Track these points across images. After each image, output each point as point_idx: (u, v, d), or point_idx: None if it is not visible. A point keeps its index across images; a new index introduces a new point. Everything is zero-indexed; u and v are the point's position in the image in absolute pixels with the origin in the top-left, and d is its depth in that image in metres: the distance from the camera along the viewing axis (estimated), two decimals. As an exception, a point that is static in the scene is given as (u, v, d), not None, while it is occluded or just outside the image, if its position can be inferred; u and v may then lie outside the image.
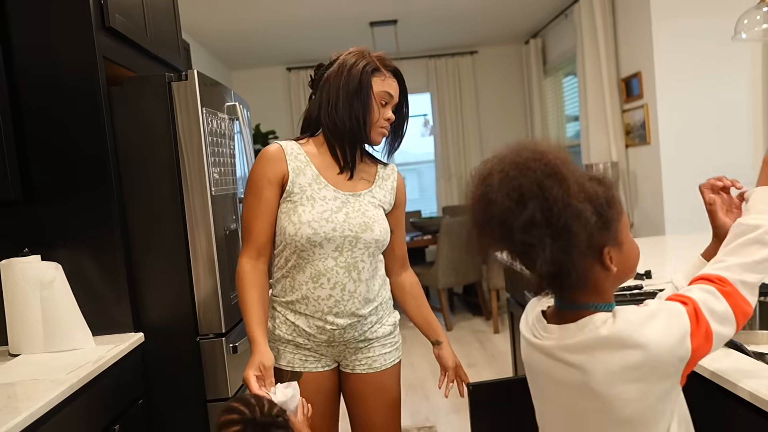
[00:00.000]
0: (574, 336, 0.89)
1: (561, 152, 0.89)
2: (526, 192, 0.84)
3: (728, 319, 0.87)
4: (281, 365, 1.50)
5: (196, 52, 4.94)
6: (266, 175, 1.44)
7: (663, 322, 0.86)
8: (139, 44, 2.03)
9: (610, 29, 4.29)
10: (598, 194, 0.87)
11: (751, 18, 1.81)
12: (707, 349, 0.87)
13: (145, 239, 1.83)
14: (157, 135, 1.82)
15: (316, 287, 1.44)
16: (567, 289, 0.91)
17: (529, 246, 0.84)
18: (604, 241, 0.87)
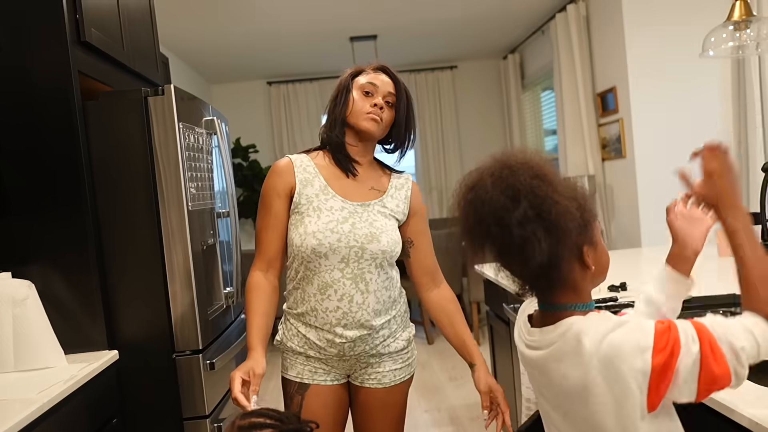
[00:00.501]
0: (552, 342, 0.93)
1: (543, 159, 0.94)
2: (519, 190, 0.88)
3: (695, 363, 0.83)
4: (290, 376, 1.52)
5: (175, 66, 4.92)
6: (275, 189, 1.47)
7: (625, 332, 0.87)
8: (116, 58, 2.02)
9: (585, 45, 4.37)
10: (578, 197, 0.92)
11: (718, 36, 1.86)
12: (670, 370, 0.83)
13: (120, 255, 1.81)
14: (134, 150, 1.81)
15: (324, 299, 1.43)
16: (549, 290, 0.94)
17: (526, 239, 0.87)
18: (584, 240, 0.92)
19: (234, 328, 2.31)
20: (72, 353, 1.74)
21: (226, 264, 2.25)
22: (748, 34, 1.82)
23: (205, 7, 3.91)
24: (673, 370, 0.83)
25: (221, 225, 2.25)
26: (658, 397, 0.85)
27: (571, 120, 4.54)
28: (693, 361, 0.82)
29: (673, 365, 0.82)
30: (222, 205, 2.28)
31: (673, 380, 0.83)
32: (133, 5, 2.25)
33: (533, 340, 0.97)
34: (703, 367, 0.82)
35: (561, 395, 0.95)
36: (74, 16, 1.76)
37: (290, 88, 6.17)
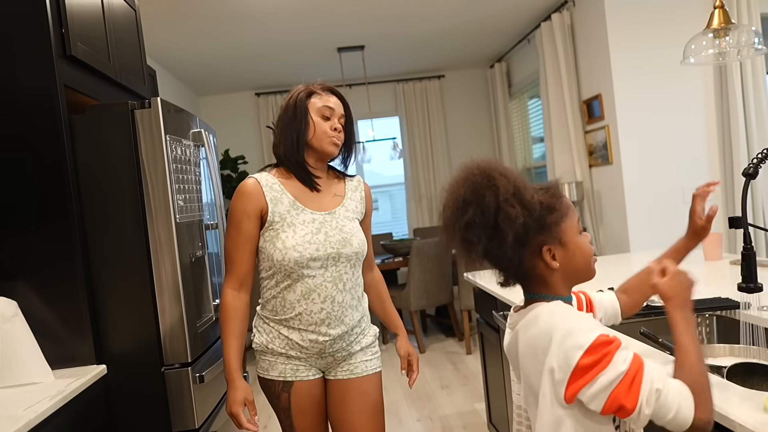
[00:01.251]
0: (521, 319, 1.05)
1: (503, 168, 1.03)
2: (466, 200, 1.00)
3: (605, 386, 0.90)
4: (272, 376, 1.60)
5: (162, 78, 4.92)
6: (245, 210, 1.55)
7: (574, 324, 0.95)
8: (102, 72, 2.02)
9: (571, 54, 4.42)
10: (535, 201, 1.00)
11: (698, 43, 1.89)
12: (589, 375, 0.91)
13: (108, 268, 1.80)
14: (121, 163, 1.81)
15: (308, 303, 1.54)
16: (521, 281, 1.07)
17: (468, 242, 1.00)
18: (543, 239, 1.01)
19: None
20: (59, 368, 1.73)
21: (215, 276, 2.25)
22: (727, 42, 1.85)
23: (192, 19, 3.92)
24: (593, 377, 0.91)
25: (210, 237, 2.25)
26: (572, 393, 0.93)
27: (558, 127, 4.58)
28: (611, 380, 0.90)
29: (594, 374, 0.90)
30: (210, 216, 2.27)
31: (587, 385, 0.91)
32: (119, 19, 2.25)
33: (511, 321, 1.10)
34: (616, 390, 0.90)
35: (518, 369, 1.05)
36: (60, 30, 1.76)
37: (278, 98, 6.18)
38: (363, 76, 6.07)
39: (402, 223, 6.65)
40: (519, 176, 1.03)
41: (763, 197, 3.81)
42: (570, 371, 0.92)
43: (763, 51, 1.91)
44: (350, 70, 5.83)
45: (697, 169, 3.94)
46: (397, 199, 6.72)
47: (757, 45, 1.85)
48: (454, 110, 6.45)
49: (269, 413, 3.69)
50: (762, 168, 1.23)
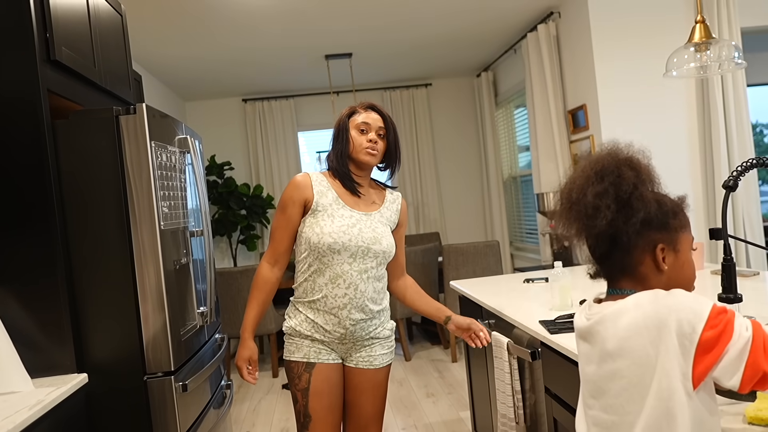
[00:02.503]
0: (610, 308, 0.98)
1: (647, 161, 1.06)
2: (606, 169, 1.01)
3: (744, 351, 0.86)
4: (297, 358, 1.79)
5: (148, 83, 4.89)
6: (292, 198, 1.79)
7: (685, 298, 0.91)
8: (87, 77, 2.00)
9: (556, 64, 4.47)
10: (666, 201, 1.02)
11: (680, 57, 1.93)
12: (718, 348, 0.86)
13: (90, 275, 1.78)
14: (104, 169, 1.79)
15: (334, 287, 1.75)
16: (617, 272, 1.02)
17: (596, 208, 0.98)
18: (661, 238, 0.99)
19: (207, 348, 2.28)
20: (39, 377, 1.70)
21: (199, 283, 2.23)
22: (708, 56, 1.89)
23: (179, 24, 3.91)
24: (722, 349, 0.85)
25: (194, 244, 2.23)
26: (703, 372, 0.86)
27: (544, 136, 4.62)
28: (742, 347, 0.84)
29: (723, 345, 0.85)
30: (195, 223, 2.26)
31: (719, 359, 0.85)
32: (105, 23, 2.24)
33: (592, 312, 1.03)
34: (752, 355, 0.84)
35: (610, 353, 0.96)
36: (44, 35, 1.75)
37: (265, 105, 6.17)
38: (350, 83, 6.09)
39: (388, 231, 6.65)
40: (657, 176, 1.05)
41: (743, 208, 3.88)
42: (694, 348, 0.86)
43: (743, 65, 1.95)
44: (338, 78, 5.84)
45: (679, 179, 3.99)
46: (383, 207, 6.71)
47: (737, 59, 1.89)
48: (440, 118, 6.49)
49: (288, 416, 3.65)
50: (742, 180, 1.25)
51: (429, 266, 4.69)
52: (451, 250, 4.45)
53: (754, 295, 1.86)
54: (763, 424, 0.94)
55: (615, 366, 0.94)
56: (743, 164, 1.29)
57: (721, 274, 1.30)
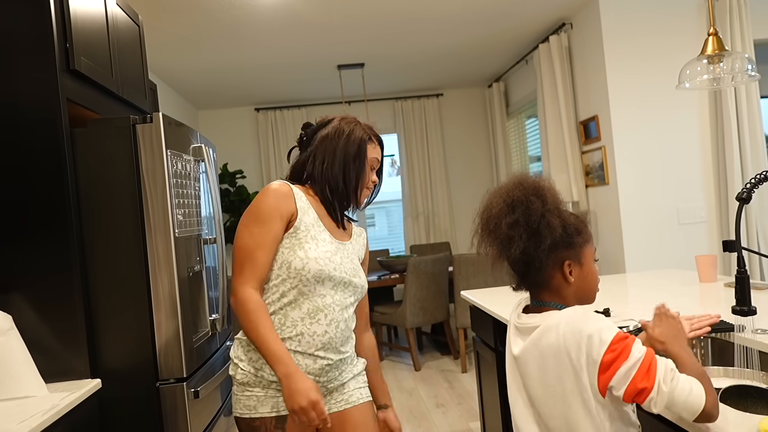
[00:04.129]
0: (537, 324, 1.16)
1: (551, 186, 1.20)
2: (516, 201, 1.15)
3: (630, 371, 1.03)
4: (262, 413, 1.44)
5: (163, 91, 4.95)
6: (279, 210, 1.44)
7: (595, 325, 1.07)
8: (105, 86, 2.04)
9: (568, 75, 4.48)
10: (570, 221, 1.16)
11: (693, 69, 1.93)
12: (613, 367, 1.03)
13: (105, 283, 1.80)
14: (121, 177, 1.82)
15: (313, 323, 1.45)
16: (535, 287, 1.19)
17: (510, 238, 1.14)
18: (567, 255, 1.16)
19: (219, 355, 2.29)
20: (54, 382, 1.72)
21: (212, 290, 2.25)
22: (721, 68, 1.89)
23: (194, 35, 3.96)
24: (617, 369, 1.03)
25: (208, 251, 2.25)
26: (604, 384, 1.05)
27: (555, 147, 4.62)
28: (629, 367, 1.03)
29: (618, 365, 1.03)
30: (209, 231, 2.28)
31: (614, 376, 1.04)
32: (123, 33, 2.28)
33: (521, 322, 1.20)
34: (636, 375, 1.02)
35: (545, 372, 1.13)
36: (64, 45, 1.78)
37: (278, 114, 6.22)
38: (362, 93, 6.12)
39: (399, 240, 6.66)
40: (559, 197, 1.19)
41: (757, 220, 3.84)
42: (597, 367, 1.05)
43: (756, 77, 1.94)
44: (350, 87, 5.88)
45: (692, 191, 3.97)
46: (394, 216, 6.73)
47: (750, 71, 1.89)
48: (452, 128, 6.50)
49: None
50: (756, 192, 1.25)
51: (439, 276, 4.68)
52: (461, 260, 4.44)
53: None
54: (777, 437, 0.94)
55: (542, 377, 1.13)
56: (757, 176, 1.28)
57: (735, 286, 1.29)
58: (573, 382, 1.08)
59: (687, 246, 3.93)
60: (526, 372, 1.17)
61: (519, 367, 1.19)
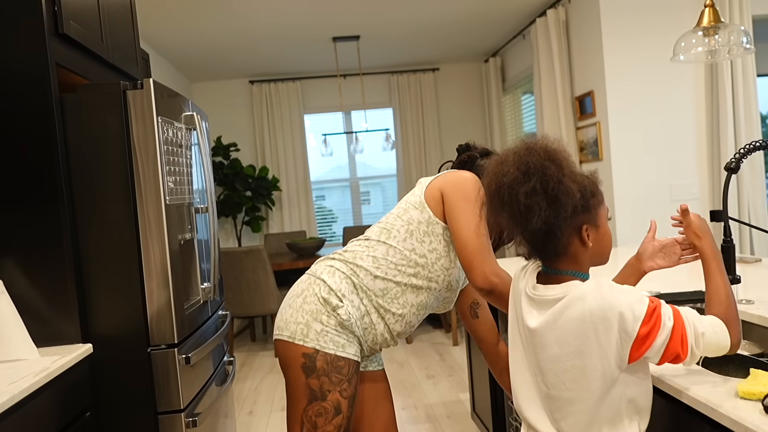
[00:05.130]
0: (559, 297, 1.09)
1: (561, 147, 1.13)
2: (531, 168, 1.07)
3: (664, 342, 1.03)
4: (348, 354, 1.43)
5: (156, 62, 4.89)
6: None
7: (626, 297, 1.03)
8: (95, 52, 2.01)
9: (564, 50, 4.44)
10: (585, 183, 1.10)
11: (688, 41, 1.92)
12: (649, 340, 1.02)
13: (96, 249, 1.80)
14: (111, 143, 1.81)
15: (417, 314, 1.51)
16: (551, 256, 1.12)
17: (529, 208, 1.06)
18: (584, 219, 1.10)
19: (211, 323, 2.31)
20: (45, 346, 1.73)
21: (203, 259, 2.26)
22: (716, 40, 1.88)
23: (188, 4, 3.90)
24: (653, 341, 1.01)
25: (199, 220, 2.25)
26: (636, 357, 1.03)
27: (550, 123, 4.60)
28: (665, 338, 1.01)
29: (653, 337, 1.01)
30: (201, 200, 2.28)
31: (648, 349, 1.02)
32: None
33: (537, 293, 1.13)
34: (671, 344, 1.02)
35: (557, 342, 1.08)
36: (52, 8, 1.75)
37: (272, 87, 6.16)
38: (358, 66, 6.07)
39: (393, 215, 6.65)
40: (571, 159, 1.12)
41: (749, 196, 3.86)
42: (632, 341, 1.01)
43: (752, 50, 1.93)
44: (345, 61, 5.82)
45: (686, 168, 3.98)
46: (388, 191, 6.73)
47: (746, 44, 1.88)
48: (447, 103, 6.47)
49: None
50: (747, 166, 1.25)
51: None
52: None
53: (755, 279, 1.86)
54: (754, 398, 0.96)
55: (559, 351, 1.08)
56: (746, 146, 1.29)
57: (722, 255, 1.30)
58: (595, 358, 1.04)
59: (678, 223, 3.96)
60: (542, 344, 1.11)
61: (534, 340, 1.13)
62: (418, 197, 1.53)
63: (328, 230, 6.56)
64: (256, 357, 4.69)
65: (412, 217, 1.49)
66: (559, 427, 1.11)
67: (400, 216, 1.52)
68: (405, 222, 1.49)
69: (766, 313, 1.44)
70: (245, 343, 5.18)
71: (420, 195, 1.53)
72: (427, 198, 1.50)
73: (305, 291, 1.46)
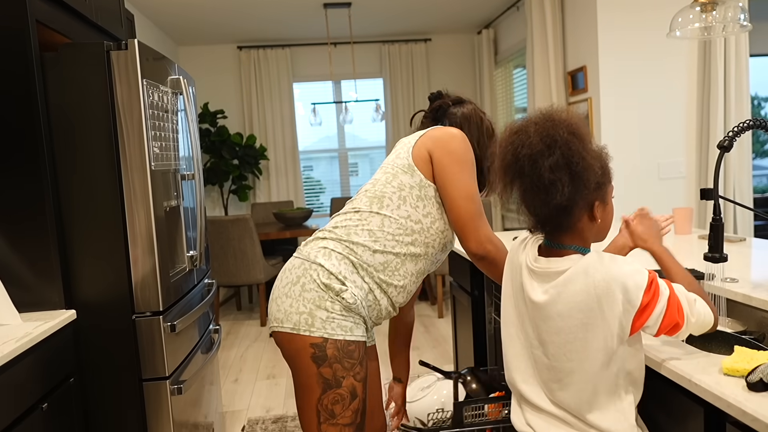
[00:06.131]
0: (562, 269, 1.10)
1: (581, 120, 1.11)
2: (556, 140, 1.05)
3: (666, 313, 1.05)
4: (357, 336, 1.36)
5: (142, 24, 4.76)
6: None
7: (628, 268, 1.05)
8: (77, 10, 1.94)
9: (559, 23, 4.39)
10: (603, 160, 1.10)
11: (685, 17, 1.89)
12: (650, 309, 1.03)
13: (79, 215, 1.77)
14: (94, 106, 1.75)
15: (416, 282, 1.47)
16: (559, 231, 1.12)
17: (552, 182, 1.04)
18: (596, 195, 1.10)
19: (197, 291, 2.29)
20: (27, 312, 1.71)
21: (189, 227, 2.23)
22: (713, 16, 1.85)
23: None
24: (653, 309, 1.03)
25: (186, 187, 2.21)
26: (638, 327, 1.05)
27: (542, 98, 4.57)
28: (662, 307, 1.04)
29: (653, 306, 1.03)
30: (187, 167, 2.24)
31: (649, 318, 1.04)
32: (96, -45, 2.16)
33: (540, 266, 1.13)
34: (668, 314, 1.04)
35: (559, 314, 1.09)
36: (32, -38, 1.68)
37: (261, 53, 6.04)
38: (349, 35, 5.96)
39: (381, 187, 6.63)
40: (589, 133, 1.10)
41: (735, 177, 3.89)
42: (635, 311, 1.03)
43: (748, 27, 1.92)
44: (336, 28, 5.71)
45: (674, 146, 3.99)
46: (376, 163, 6.68)
47: (743, 21, 1.86)
48: (438, 75, 6.39)
49: (275, 363, 3.71)
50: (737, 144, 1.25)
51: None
52: (442, 208, 4.45)
53: (740, 258, 1.88)
54: (738, 375, 0.97)
55: (562, 324, 1.08)
56: (740, 125, 1.28)
57: (709, 233, 1.31)
58: (599, 330, 1.05)
59: (665, 200, 3.98)
60: (544, 317, 1.11)
61: (537, 312, 1.12)
62: (406, 160, 1.45)
63: (316, 201, 6.53)
64: (241, 326, 4.69)
65: (403, 183, 1.43)
66: (555, 398, 1.12)
67: (389, 182, 1.44)
68: (396, 188, 1.42)
69: (749, 291, 1.46)
70: (231, 312, 5.18)
71: (407, 157, 1.46)
72: (415, 160, 1.44)
73: (302, 278, 1.36)
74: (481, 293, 2.38)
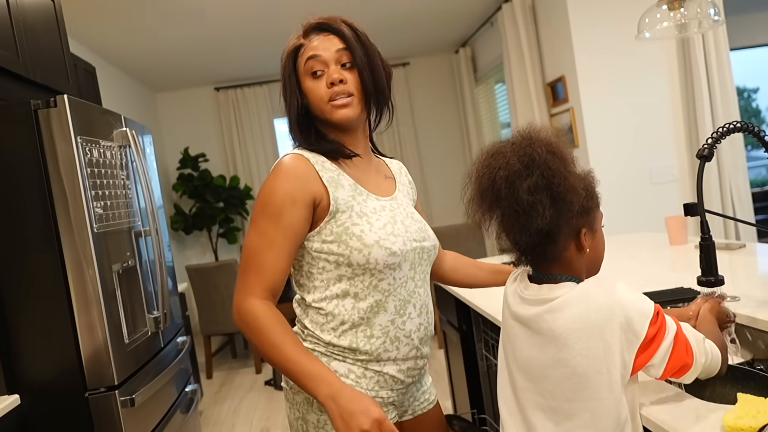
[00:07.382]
0: (554, 297, 0.97)
1: (562, 140, 1.01)
2: (534, 160, 0.94)
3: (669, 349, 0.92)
4: None
5: (112, 75, 4.68)
6: (291, 195, 1.09)
7: (633, 296, 0.93)
8: (8, 69, 1.83)
9: (533, 35, 4.30)
10: (588, 184, 0.99)
11: (652, 17, 1.77)
12: (656, 343, 0.91)
13: (15, 288, 1.63)
14: (25, 169, 1.63)
15: (405, 321, 1.14)
16: (544, 260, 1.00)
17: (531, 205, 0.93)
18: (583, 222, 0.98)
19: (168, 351, 2.15)
20: (-36, 401, 1.56)
21: (150, 286, 2.08)
22: (682, 14, 1.74)
23: (134, 9, 3.71)
24: (659, 344, 0.91)
25: (143, 245, 2.08)
26: (641, 363, 0.92)
27: (524, 111, 4.46)
28: (669, 343, 0.92)
29: (659, 341, 0.91)
30: (143, 223, 2.10)
31: (655, 354, 0.91)
32: (32, 11, 2.06)
33: (530, 293, 1.01)
34: (675, 352, 0.92)
35: (556, 342, 0.95)
36: (-52, 24, 1.58)
37: (239, 93, 5.97)
38: (325, 66, 5.89)
39: (373, 216, 6.50)
40: (572, 154, 1.00)
41: (729, 177, 3.74)
42: (640, 342, 0.91)
43: (721, 22, 1.80)
44: (311, 61, 5.64)
45: (664, 149, 3.85)
46: (366, 192, 6.57)
47: (714, 16, 1.74)
48: (420, 98, 6.31)
49: (269, 414, 3.54)
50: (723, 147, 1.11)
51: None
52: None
53: (740, 270, 1.73)
54: (744, 435, 0.81)
55: (561, 355, 0.94)
56: (719, 130, 1.14)
57: (700, 254, 1.16)
58: (601, 362, 0.90)
59: (660, 205, 3.83)
60: (539, 344, 0.97)
61: (524, 332, 1.00)
62: None
63: (307, 236, 6.39)
64: (236, 375, 4.51)
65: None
66: None
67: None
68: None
69: (753, 312, 1.30)
70: (226, 361, 5.00)
71: None
72: None
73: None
74: (469, 328, 2.22)
